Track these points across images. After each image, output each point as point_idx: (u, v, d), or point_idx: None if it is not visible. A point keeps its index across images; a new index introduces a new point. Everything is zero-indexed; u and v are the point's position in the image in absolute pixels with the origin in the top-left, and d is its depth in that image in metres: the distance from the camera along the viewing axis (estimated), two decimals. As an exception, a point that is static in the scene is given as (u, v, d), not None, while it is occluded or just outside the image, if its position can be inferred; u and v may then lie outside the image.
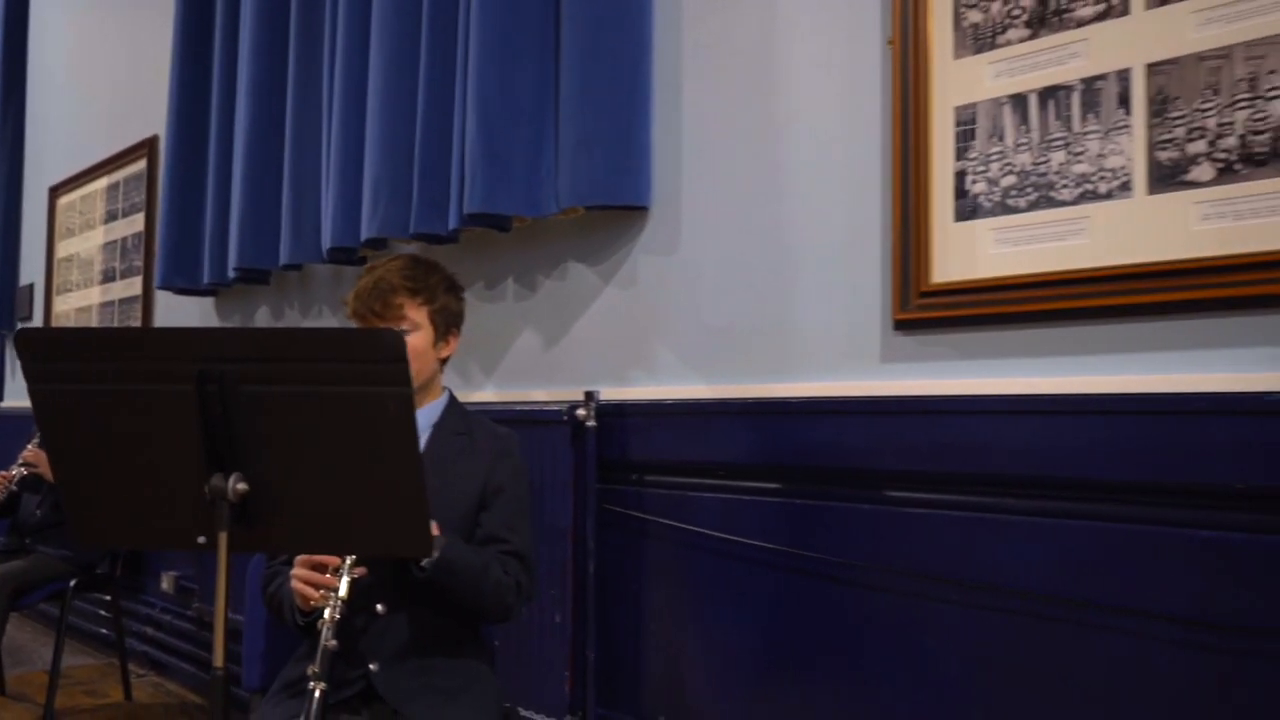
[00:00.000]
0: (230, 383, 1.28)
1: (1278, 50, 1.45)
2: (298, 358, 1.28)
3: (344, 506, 1.33)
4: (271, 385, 1.28)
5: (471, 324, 2.78)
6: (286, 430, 1.30)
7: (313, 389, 1.28)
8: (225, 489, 1.29)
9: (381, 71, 2.73)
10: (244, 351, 1.29)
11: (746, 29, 2.18)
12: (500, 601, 1.80)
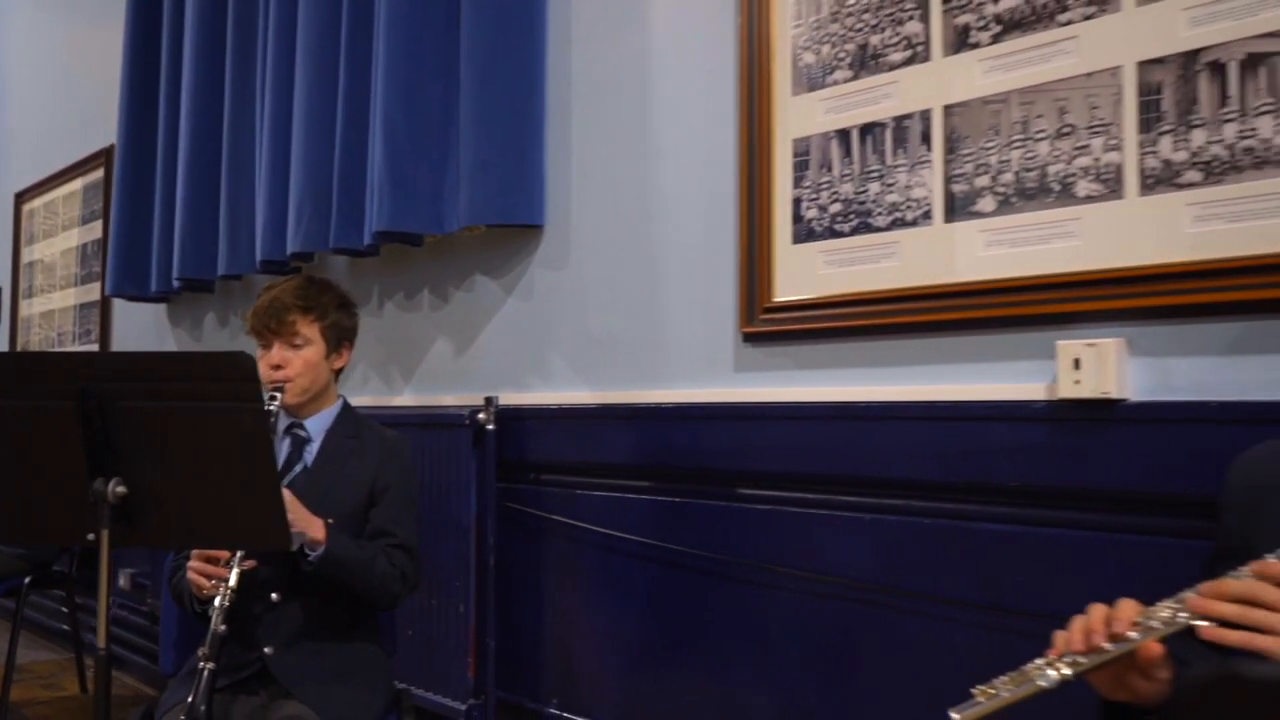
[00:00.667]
0: (108, 399, 1.46)
1: (1044, 97, 1.64)
2: (165, 377, 1.47)
3: (211, 506, 1.51)
4: (144, 401, 1.46)
5: (392, 332, 2.97)
6: (158, 440, 1.48)
7: (179, 405, 1.46)
8: (105, 492, 1.47)
9: (305, 98, 2.91)
10: (119, 372, 1.48)
11: (625, 67, 2.36)
12: (386, 590, 1.98)
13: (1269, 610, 0.96)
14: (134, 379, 1.47)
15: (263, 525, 1.51)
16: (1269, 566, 1.00)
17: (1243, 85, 1.43)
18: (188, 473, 1.49)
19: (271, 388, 1.99)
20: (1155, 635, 1.00)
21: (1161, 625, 1.01)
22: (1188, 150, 1.48)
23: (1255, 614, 0.97)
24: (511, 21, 2.48)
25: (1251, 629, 0.96)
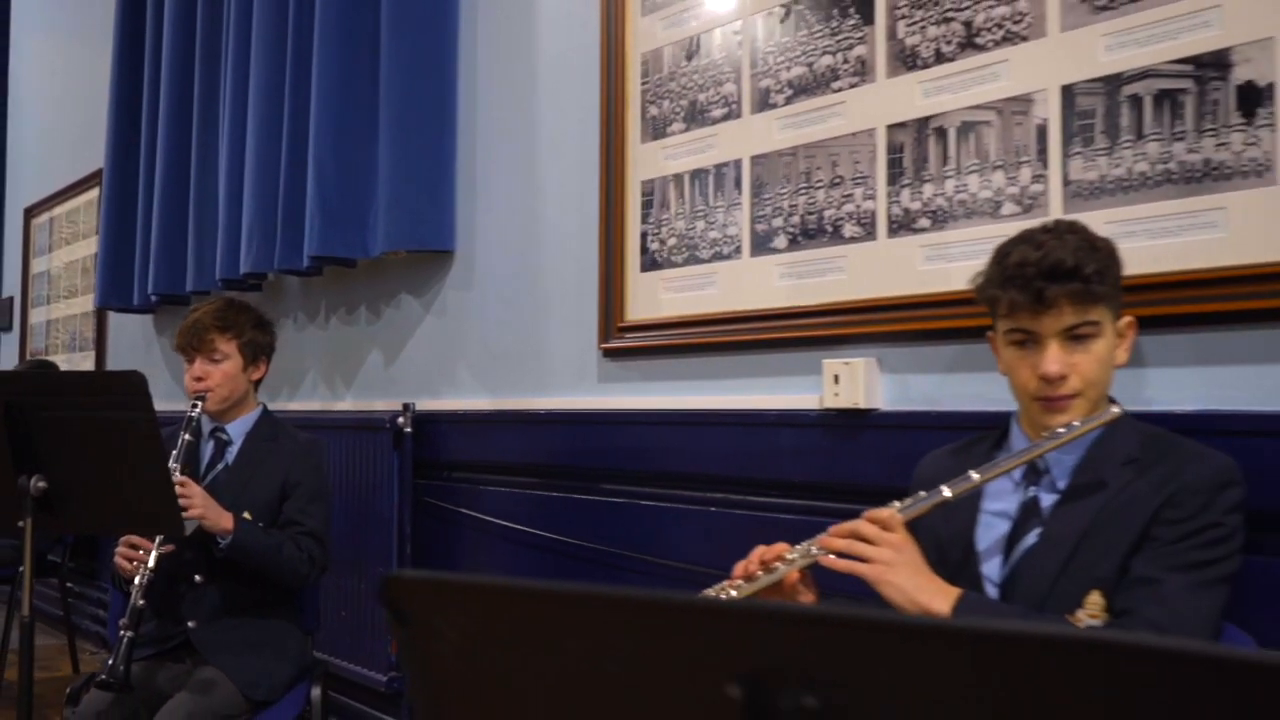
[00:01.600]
0: (30, 410, 1.78)
1: (822, 152, 1.92)
2: (75, 392, 1.79)
3: (114, 498, 1.83)
4: (58, 412, 1.79)
5: (336, 345, 3.29)
6: (71, 444, 1.80)
7: (85, 415, 1.78)
8: (29, 486, 1.79)
9: (256, 136, 3.24)
10: (39, 387, 1.80)
11: (518, 114, 2.66)
12: (295, 572, 2.29)
13: (866, 544, 1.26)
14: (50, 393, 1.79)
15: (156, 514, 1.83)
16: (877, 512, 1.30)
17: (959, 148, 1.71)
18: (94, 471, 1.81)
19: (194, 397, 2.31)
20: (795, 566, 1.32)
21: (799, 557, 1.32)
22: (920, 200, 1.76)
23: (857, 547, 1.27)
24: (425, 73, 2.79)
25: (856, 558, 1.26)
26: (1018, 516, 1.35)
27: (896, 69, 1.81)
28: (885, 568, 1.27)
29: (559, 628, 0.58)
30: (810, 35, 1.94)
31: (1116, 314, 1.32)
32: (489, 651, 0.60)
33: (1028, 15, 1.64)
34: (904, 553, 1.28)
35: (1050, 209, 1.59)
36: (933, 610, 1.24)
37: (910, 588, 1.26)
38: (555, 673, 0.58)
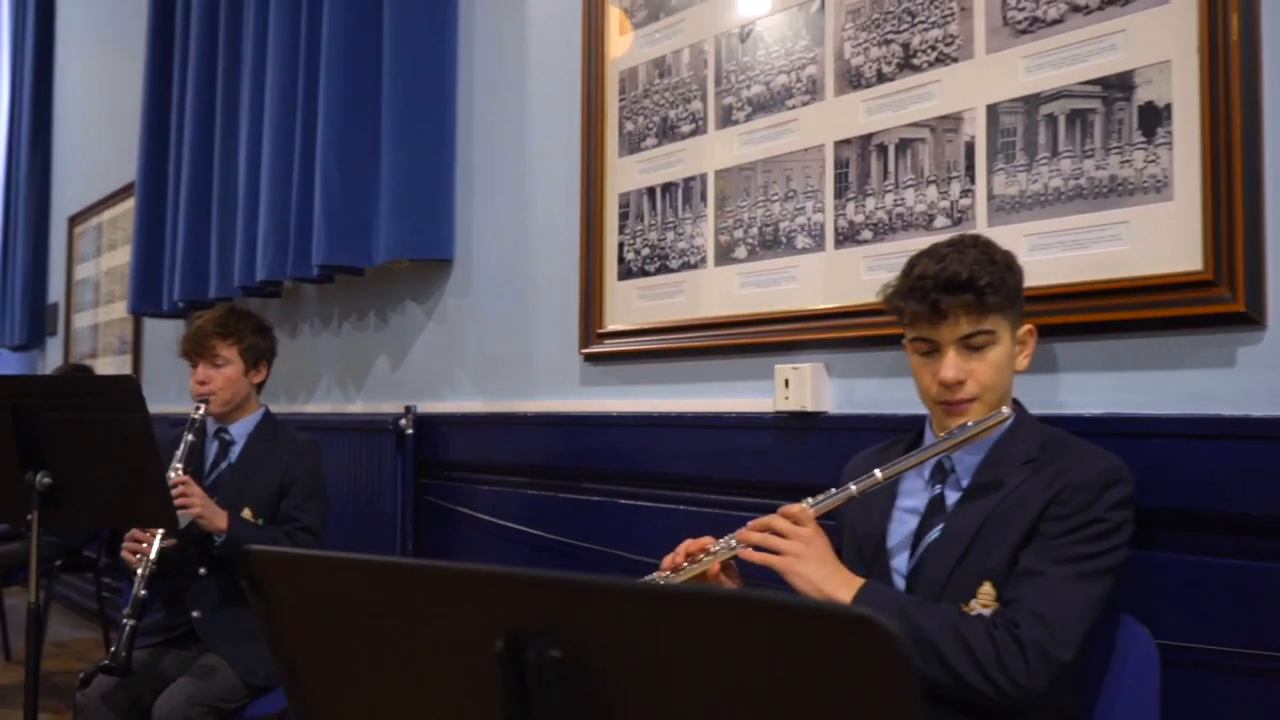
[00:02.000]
0: (35, 411, 1.93)
1: (777, 167, 2.01)
2: (75, 394, 1.93)
3: (113, 494, 1.97)
4: (61, 413, 1.93)
5: (347, 349, 3.44)
6: (72, 443, 1.94)
7: (86, 415, 1.92)
8: (35, 482, 1.94)
9: (270, 151, 3.40)
10: (42, 390, 1.95)
11: (510, 129, 2.78)
12: (293, 566, 2.43)
13: (779, 537, 1.36)
14: (54, 395, 1.94)
15: (152, 510, 1.97)
16: (789, 508, 1.39)
17: (898, 163, 1.80)
18: (94, 468, 1.96)
19: (198, 399, 2.46)
20: (717, 558, 1.43)
21: (720, 550, 1.43)
22: (864, 213, 1.85)
23: (770, 540, 1.37)
24: (424, 90, 2.93)
25: (770, 551, 1.36)
26: (925, 513, 1.44)
27: (843, 88, 1.90)
28: (794, 559, 1.36)
29: (375, 592, 0.69)
30: (768, 55, 2.04)
31: (1015, 323, 1.40)
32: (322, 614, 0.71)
33: (958, 38, 1.72)
34: (812, 545, 1.37)
35: (977, 222, 1.67)
36: (837, 598, 1.33)
37: (817, 578, 1.35)
38: (372, 626, 0.70)
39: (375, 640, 0.69)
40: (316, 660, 0.72)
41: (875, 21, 1.85)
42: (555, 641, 0.61)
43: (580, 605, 0.61)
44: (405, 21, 2.93)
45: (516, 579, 0.64)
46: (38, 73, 7.02)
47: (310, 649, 0.72)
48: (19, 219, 7.13)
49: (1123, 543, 1.31)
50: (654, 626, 0.58)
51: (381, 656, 0.69)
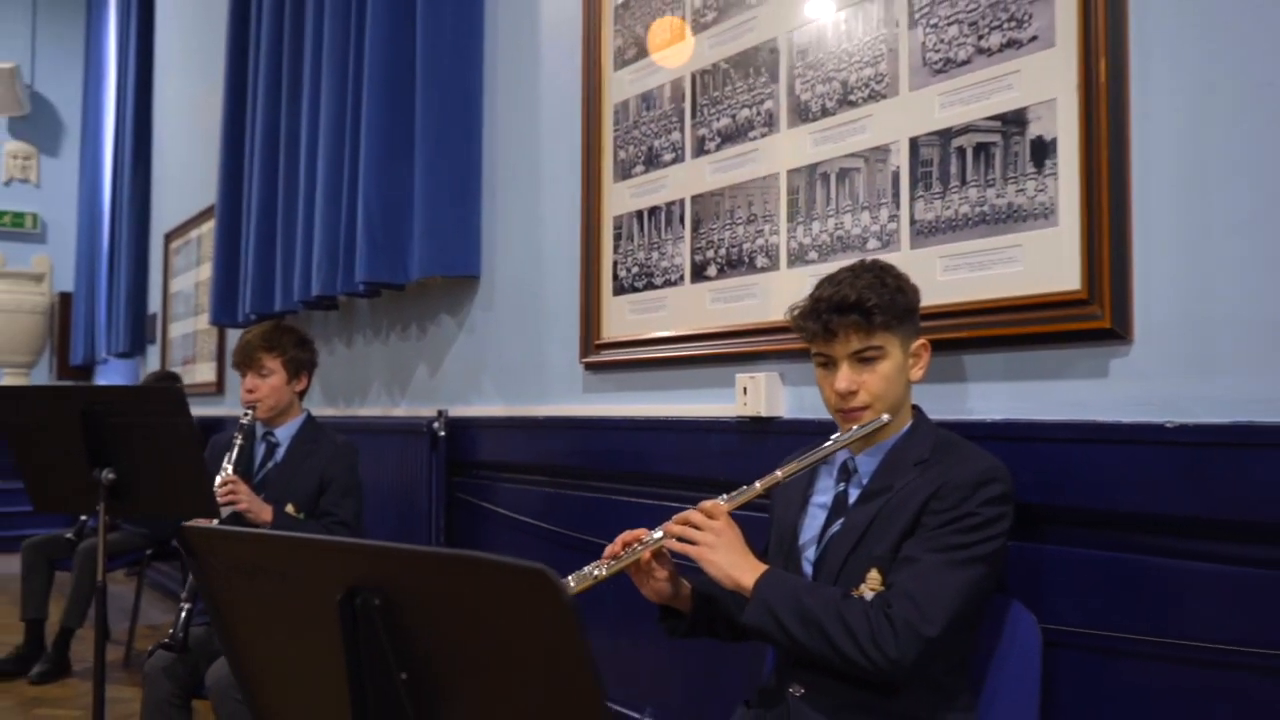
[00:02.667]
0: (101, 417, 2.24)
1: (741, 193, 2.20)
2: (130, 399, 2.24)
3: (163, 489, 2.27)
4: (121, 418, 2.24)
5: (393, 358, 3.73)
6: (129, 443, 2.25)
7: (139, 419, 2.23)
8: (100, 478, 2.25)
9: (324, 179, 3.72)
10: (105, 398, 2.26)
11: (525, 153, 3.03)
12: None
13: (695, 529, 1.55)
14: (115, 402, 2.25)
15: (195, 503, 2.26)
16: (705, 503, 1.58)
17: (838, 190, 1.97)
18: (147, 466, 2.26)
19: (246, 406, 2.77)
20: (647, 549, 1.61)
21: (650, 541, 1.61)
22: (810, 236, 2.03)
23: (688, 532, 1.56)
24: (453, 121, 3.19)
25: (689, 541, 1.55)
26: (830, 509, 1.62)
27: (794, 121, 2.08)
28: (707, 549, 1.55)
29: (261, 559, 0.92)
30: (733, 90, 2.23)
31: (906, 339, 1.57)
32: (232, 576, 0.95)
33: (886, 76, 1.89)
34: (723, 536, 1.56)
35: (901, 245, 1.84)
36: (742, 584, 1.52)
37: (726, 564, 1.54)
38: (262, 584, 0.93)
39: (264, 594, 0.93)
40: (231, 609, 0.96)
41: (820, 60, 2.03)
42: (377, 593, 0.83)
43: (392, 567, 0.83)
44: (435, 66, 3.19)
45: (350, 548, 0.87)
46: (139, 104, 7.57)
47: (228, 601, 0.96)
48: (123, 237, 7.70)
49: (996, 535, 1.47)
50: (426, 579, 0.80)
51: (270, 606, 0.93)
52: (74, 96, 9.73)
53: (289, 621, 0.93)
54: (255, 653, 1.00)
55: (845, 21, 1.98)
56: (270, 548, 0.92)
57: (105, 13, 9.01)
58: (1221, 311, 1.44)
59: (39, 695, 4.00)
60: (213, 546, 0.96)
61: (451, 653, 0.82)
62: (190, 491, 2.25)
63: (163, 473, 2.26)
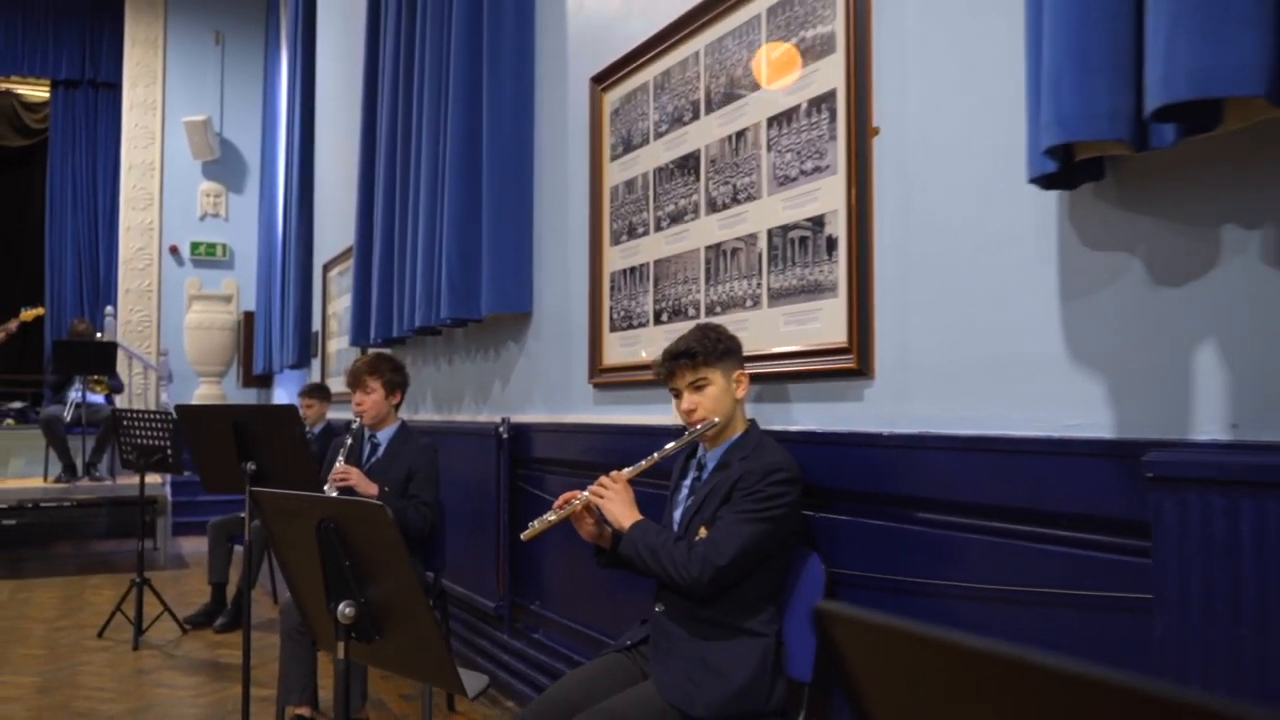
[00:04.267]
0: (247, 426, 3.25)
1: (680, 261, 2.99)
2: (263, 416, 3.24)
3: (285, 473, 3.25)
4: (258, 427, 3.24)
5: (476, 376, 4.66)
6: (264, 445, 3.25)
7: (267, 429, 3.22)
8: (246, 468, 3.26)
9: (422, 233, 4.70)
10: (247, 413, 3.27)
11: (556, 215, 3.89)
12: (416, 526, 3.65)
13: (603, 488, 2.36)
14: (253, 416, 3.25)
15: (306, 483, 3.23)
16: (613, 473, 2.38)
17: (731, 263, 2.75)
18: (275, 459, 3.25)
19: (356, 415, 3.75)
20: (582, 503, 2.38)
21: (583, 498, 2.38)
22: (716, 294, 2.81)
23: (599, 489, 2.36)
24: (510, 194, 4.10)
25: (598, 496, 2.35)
26: (689, 489, 2.42)
27: (708, 211, 2.87)
28: (608, 501, 2.35)
29: (294, 508, 1.83)
30: (675, 184, 3.03)
31: (728, 371, 2.34)
32: (284, 520, 1.86)
33: (755, 184, 2.65)
34: (620, 494, 2.35)
35: (762, 305, 2.61)
36: (623, 525, 2.30)
37: (617, 512, 2.32)
38: (296, 525, 1.83)
39: (294, 527, 1.83)
40: (283, 541, 1.86)
41: (721, 168, 2.81)
42: (333, 523, 1.71)
43: (338, 510, 1.71)
44: (498, 151, 4.10)
45: (318, 500, 1.76)
46: (303, 150, 8.88)
47: (284, 536, 1.86)
48: (291, 264, 9.04)
49: (779, 505, 2.22)
50: (350, 517, 1.68)
51: (294, 531, 1.83)
52: (254, 141, 11.27)
53: (303, 540, 1.82)
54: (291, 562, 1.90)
55: (733, 141, 2.75)
56: (291, 502, 1.81)
57: (278, 68, 10.45)
58: (916, 361, 2.16)
59: (220, 641, 5.15)
60: (274, 503, 1.87)
61: (365, 550, 1.68)
62: (301, 475, 3.22)
63: (284, 463, 3.24)
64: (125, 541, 8.45)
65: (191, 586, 6.51)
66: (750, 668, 2.23)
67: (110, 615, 5.28)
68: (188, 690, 4.25)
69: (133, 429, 5.25)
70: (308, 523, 1.77)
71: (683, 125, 3.01)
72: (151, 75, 10.92)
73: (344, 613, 1.74)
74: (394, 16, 5.47)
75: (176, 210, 11.07)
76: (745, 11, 2.71)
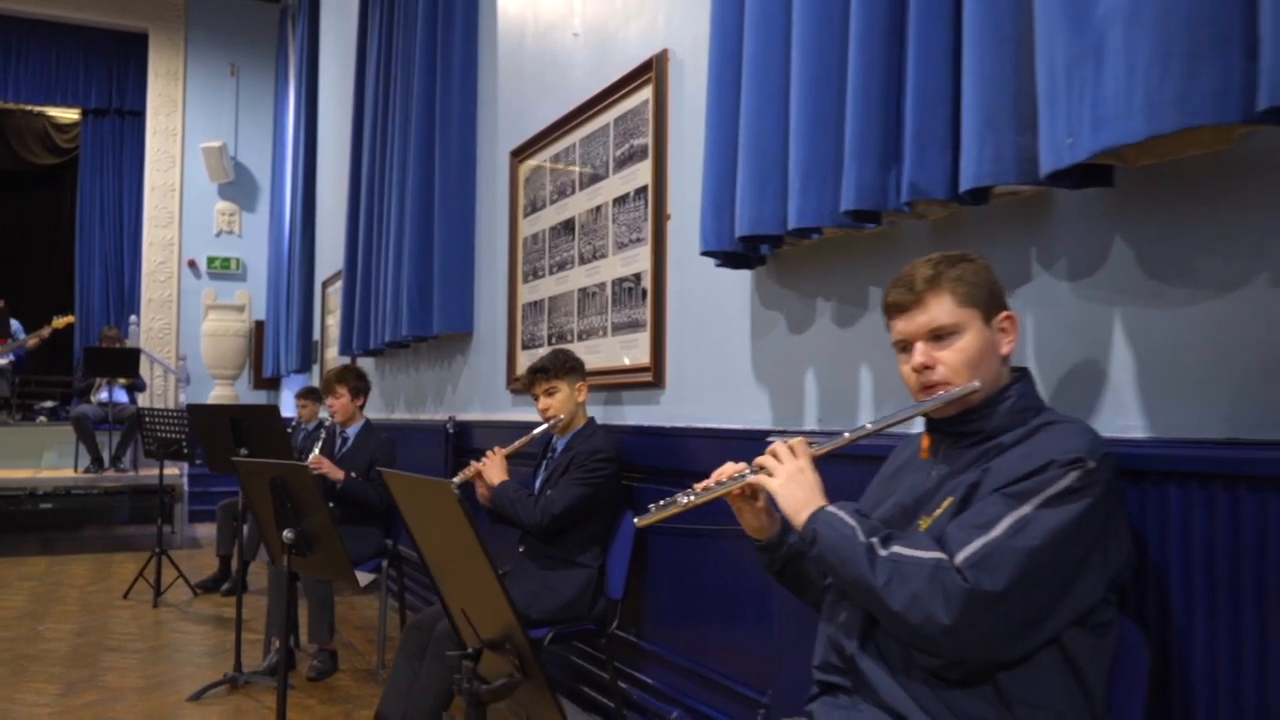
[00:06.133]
0: (240, 420, 4.27)
1: (564, 299, 3.99)
2: (255, 413, 4.26)
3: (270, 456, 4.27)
4: (250, 421, 4.26)
5: (432, 381, 5.66)
6: (255, 435, 4.26)
7: (256, 422, 4.24)
8: (240, 453, 4.28)
9: (392, 258, 5.71)
10: (240, 411, 4.29)
11: (490, 263, 4.90)
12: (373, 501, 4.67)
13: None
14: (246, 412, 4.27)
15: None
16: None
17: (593, 302, 3.74)
18: (262, 446, 4.26)
19: (330, 414, 4.78)
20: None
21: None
22: (585, 325, 3.81)
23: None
24: (457, 234, 5.10)
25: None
26: (546, 465, 3.41)
27: (580, 263, 3.86)
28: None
29: (265, 474, 2.85)
30: (560, 240, 4.03)
31: (573, 382, 3.32)
32: (261, 482, 2.87)
33: (605, 246, 3.65)
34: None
35: (608, 335, 3.60)
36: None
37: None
38: (264, 483, 2.84)
39: (265, 485, 2.83)
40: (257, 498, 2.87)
41: (588, 232, 3.80)
42: (280, 481, 2.72)
43: (282, 471, 2.71)
44: (447, 193, 5.11)
45: (274, 466, 2.77)
46: (306, 175, 9.91)
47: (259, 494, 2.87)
48: (295, 279, 10.07)
49: (599, 476, 3.19)
50: (288, 476, 2.68)
51: (260, 484, 2.84)
52: (265, 165, 12.33)
53: (263, 492, 2.81)
54: (259, 507, 2.90)
55: (594, 213, 3.75)
56: (255, 467, 2.81)
57: (286, 99, 11.50)
58: (686, 377, 3.15)
59: (226, 603, 6.16)
60: (247, 468, 2.87)
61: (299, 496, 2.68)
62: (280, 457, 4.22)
63: (267, 449, 4.25)
64: (146, 526, 9.51)
65: (203, 562, 7.53)
66: (577, 588, 3.22)
67: (134, 580, 6.31)
68: (197, 635, 5.28)
69: (154, 424, 6.29)
70: (265, 480, 2.77)
71: (565, 197, 4.01)
72: (173, 104, 12.01)
73: (287, 536, 2.75)
74: (373, 77, 6.50)
75: (194, 227, 12.15)
76: (602, 119, 3.71)
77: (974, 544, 1.44)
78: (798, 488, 1.67)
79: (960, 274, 1.62)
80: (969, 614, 1.42)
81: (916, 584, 1.45)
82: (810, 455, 1.71)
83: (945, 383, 1.62)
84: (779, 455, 1.71)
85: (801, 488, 1.67)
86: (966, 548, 1.45)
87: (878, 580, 1.49)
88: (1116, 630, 1.53)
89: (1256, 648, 1.45)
